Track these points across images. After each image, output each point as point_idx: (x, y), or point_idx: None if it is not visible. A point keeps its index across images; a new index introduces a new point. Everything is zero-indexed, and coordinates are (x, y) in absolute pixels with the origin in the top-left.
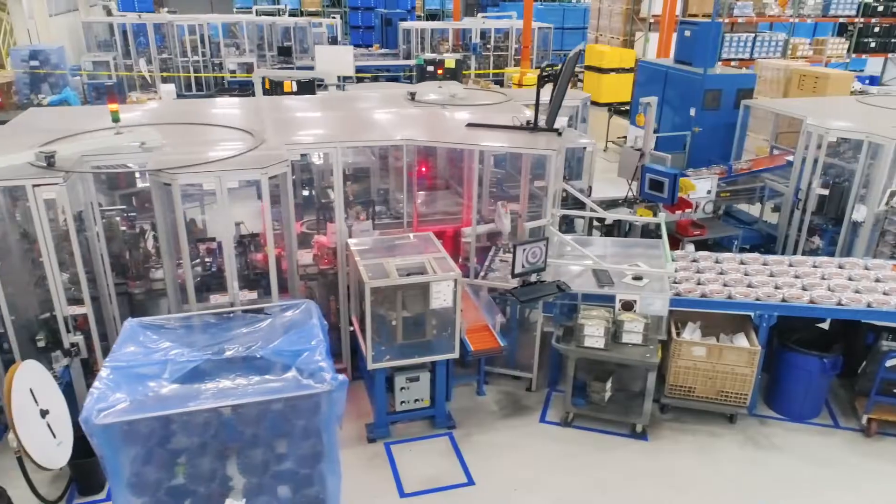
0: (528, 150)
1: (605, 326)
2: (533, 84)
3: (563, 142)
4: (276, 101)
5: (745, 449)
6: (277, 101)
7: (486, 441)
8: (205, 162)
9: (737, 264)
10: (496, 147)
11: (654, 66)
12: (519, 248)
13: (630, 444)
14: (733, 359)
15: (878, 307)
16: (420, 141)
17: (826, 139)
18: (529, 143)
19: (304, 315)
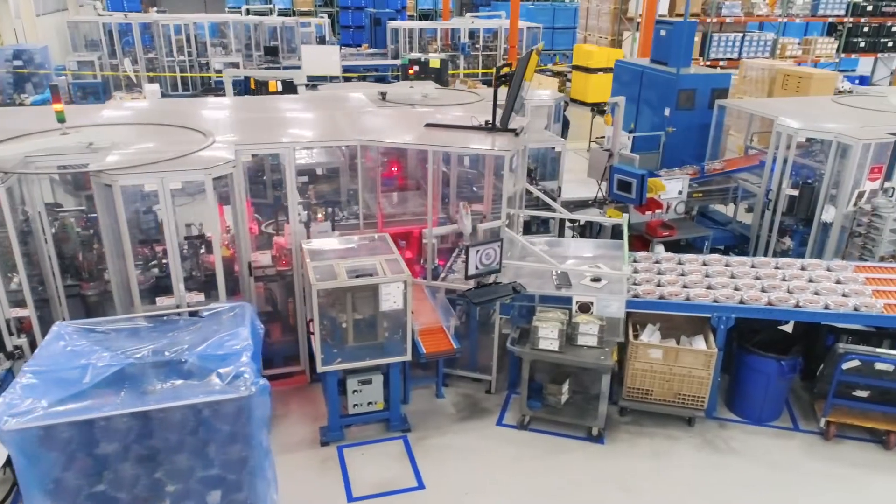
0: (479, 150)
1: (559, 329)
2: None
3: (519, 142)
4: (243, 101)
5: (702, 452)
6: (245, 100)
7: (441, 444)
8: (147, 163)
9: (699, 266)
10: (447, 147)
11: (631, 66)
12: (472, 249)
13: (586, 448)
14: (690, 361)
15: (836, 309)
16: (372, 141)
17: (795, 139)
18: (484, 144)
19: (237, 319)
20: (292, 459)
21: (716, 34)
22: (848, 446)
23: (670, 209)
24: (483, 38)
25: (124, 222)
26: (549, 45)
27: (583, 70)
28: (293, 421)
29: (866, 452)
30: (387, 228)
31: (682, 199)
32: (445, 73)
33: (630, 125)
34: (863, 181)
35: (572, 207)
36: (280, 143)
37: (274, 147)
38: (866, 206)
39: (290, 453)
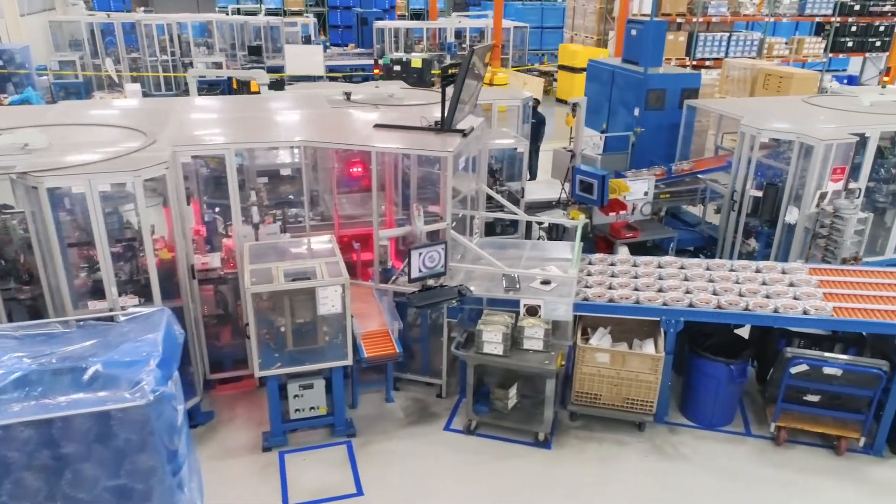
0: (421, 151)
1: (503, 332)
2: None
3: (466, 143)
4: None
5: (650, 458)
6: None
7: (385, 450)
8: (74, 164)
9: (654, 268)
10: (388, 148)
11: (603, 66)
12: (414, 252)
13: (532, 453)
14: (637, 365)
15: (785, 312)
16: (314, 142)
17: (758, 139)
18: (431, 144)
19: (152, 324)
20: (233, 465)
21: (702, 34)
22: (799, 452)
23: (636, 210)
24: (470, 37)
25: (52, 224)
26: (538, 45)
27: (568, 70)
28: (238, 426)
29: (817, 458)
30: (344, 230)
31: (648, 201)
32: (428, 73)
33: (602, 125)
34: (825, 182)
35: (536, 209)
36: (219, 143)
37: (212, 148)
38: (828, 208)
39: (232, 459)
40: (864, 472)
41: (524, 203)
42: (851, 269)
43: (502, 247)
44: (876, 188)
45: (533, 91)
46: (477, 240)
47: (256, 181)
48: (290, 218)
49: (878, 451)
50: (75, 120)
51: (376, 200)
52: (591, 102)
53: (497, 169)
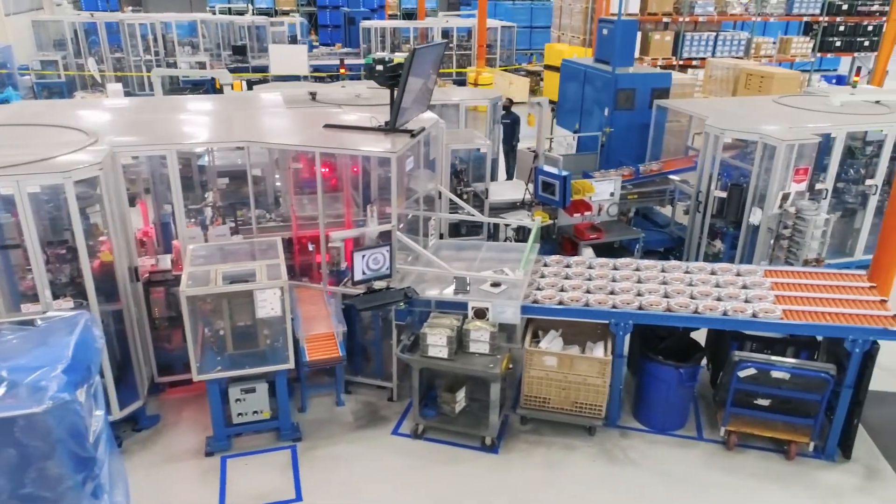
0: (363, 151)
1: (447, 336)
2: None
3: (410, 143)
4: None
5: (597, 463)
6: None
7: (330, 454)
8: (4, 166)
9: (608, 270)
10: (333, 149)
11: (575, 66)
12: (357, 254)
13: (479, 458)
14: (584, 369)
15: (734, 315)
16: (258, 142)
17: (721, 140)
18: (378, 145)
19: (68, 328)
20: (173, 470)
21: (690, 33)
22: (749, 456)
23: (602, 211)
24: (457, 37)
25: None
26: (527, 45)
27: (554, 69)
28: (184, 430)
29: (767, 462)
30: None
31: (615, 201)
32: None
33: (575, 125)
34: (788, 183)
35: (501, 210)
36: (159, 144)
37: (154, 148)
38: (791, 209)
39: (173, 463)
40: (814, 476)
41: (489, 204)
42: (808, 272)
43: (460, 248)
44: (845, 189)
45: (519, 91)
46: (434, 241)
47: (217, 182)
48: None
49: (829, 455)
50: (26, 120)
51: (322, 201)
52: (564, 102)
53: (462, 170)
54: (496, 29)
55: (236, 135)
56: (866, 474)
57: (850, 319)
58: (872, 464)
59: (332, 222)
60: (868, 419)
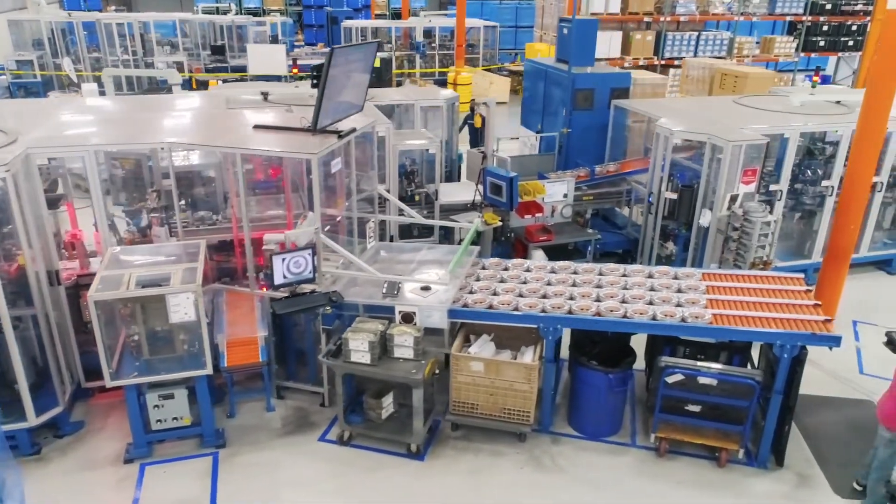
0: (283, 153)
1: (369, 341)
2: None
3: (333, 144)
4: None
5: (525, 470)
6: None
7: (252, 461)
8: None
9: (545, 273)
10: (253, 150)
11: (537, 65)
12: (276, 258)
13: (404, 465)
14: (511, 375)
15: (662, 320)
16: (181, 143)
17: (671, 140)
18: (303, 146)
19: None
20: (90, 477)
21: (672, 33)
22: (680, 463)
23: (556, 212)
24: (439, 37)
25: None
26: (513, 44)
27: None
28: (107, 436)
29: (698, 470)
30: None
31: (569, 203)
32: (388, 73)
33: (537, 126)
34: (736, 184)
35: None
36: (78, 146)
37: (71, 150)
38: (738, 211)
39: (91, 471)
40: (744, 484)
41: (439, 205)
42: (746, 275)
43: (401, 250)
44: (803, 190)
45: (500, 91)
46: (374, 244)
47: (161, 183)
48: (196, 221)
49: (762, 462)
50: None
51: (244, 203)
52: (527, 102)
53: (413, 170)
54: (479, 28)
55: (164, 135)
56: (797, 482)
57: (779, 324)
58: (805, 471)
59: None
60: (806, 424)
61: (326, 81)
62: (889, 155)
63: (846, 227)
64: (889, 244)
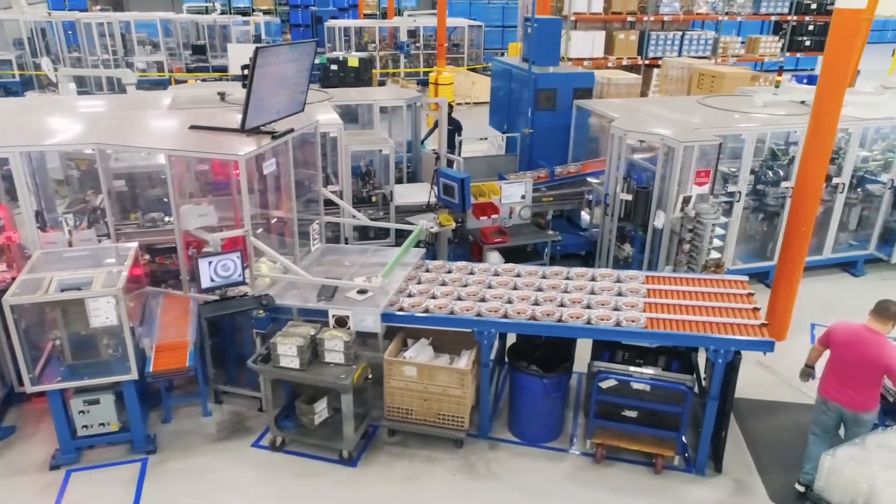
0: (211, 154)
1: (297, 346)
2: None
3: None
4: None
5: (458, 477)
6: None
7: (182, 467)
8: None
9: (488, 276)
10: (179, 152)
11: (503, 65)
12: (202, 260)
13: (335, 471)
14: (444, 379)
15: (597, 324)
16: (108, 144)
17: (625, 141)
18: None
19: None
20: (14, 485)
21: (656, 32)
22: (618, 470)
23: (514, 214)
24: (424, 36)
25: None
26: (500, 44)
27: None
28: (37, 441)
29: (634, 476)
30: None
31: (527, 204)
32: (366, 73)
33: (504, 126)
34: (689, 186)
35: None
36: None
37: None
38: (691, 213)
39: (17, 477)
40: (680, 491)
41: (394, 206)
42: (691, 278)
43: (347, 252)
44: (765, 191)
45: (482, 90)
46: (318, 246)
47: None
48: (147, 222)
49: (700, 469)
50: None
51: (175, 205)
52: (494, 103)
53: (368, 171)
54: (463, 28)
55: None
56: (734, 489)
57: (715, 329)
58: (743, 478)
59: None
60: (752, 430)
61: (253, 82)
62: (850, 156)
63: (798, 230)
64: (855, 245)
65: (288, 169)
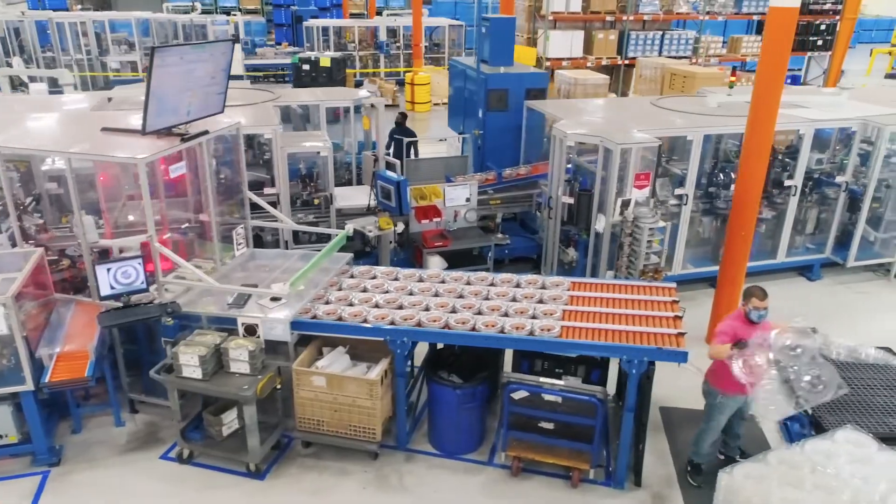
0: (109, 158)
1: (199, 355)
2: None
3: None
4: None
5: (367, 490)
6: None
7: (84, 480)
8: None
9: (412, 282)
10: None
11: (459, 66)
12: (100, 267)
13: (242, 484)
14: (353, 390)
15: (509, 333)
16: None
17: (565, 143)
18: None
19: None
20: None
21: (636, 32)
22: (534, 483)
23: (459, 217)
24: (405, 36)
25: None
26: None
27: None
28: None
29: (551, 490)
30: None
31: (472, 207)
32: (339, 73)
33: (459, 127)
34: (627, 189)
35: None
36: None
37: None
38: (630, 217)
39: None
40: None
41: (335, 210)
42: (620, 285)
43: (271, 257)
44: (716, 194)
45: None
46: (243, 250)
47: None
48: None
49: (619, 482)
50: None
51: (78, 209)
52: (452, 103)
53: (309, 174)
54: (444, 28)
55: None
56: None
57: (631, 338)
58: (663, 492)
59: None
60: (677, 440)
61: (151, 82)
62: (802, 158)
63: (739, 234)
64: (812, 249)
65: (205, 172)
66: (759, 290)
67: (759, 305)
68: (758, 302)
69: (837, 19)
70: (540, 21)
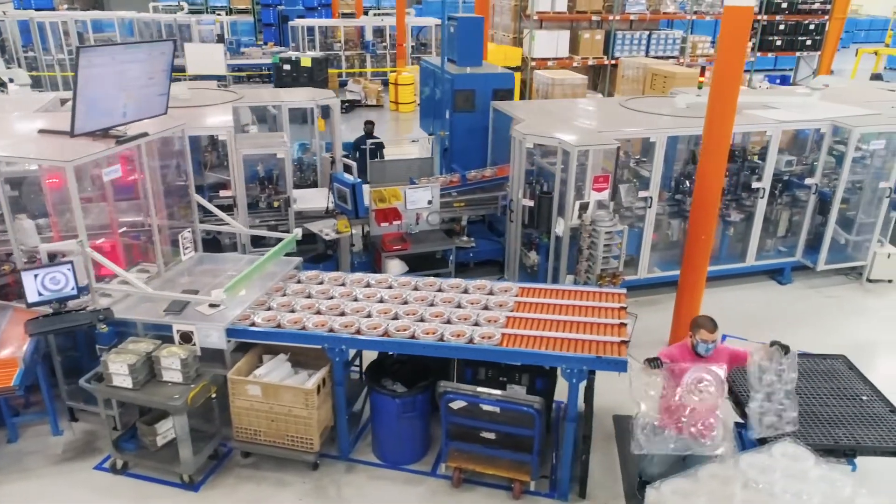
0: (31, 159)
1: (128, 364)
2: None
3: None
4: None
5: (304, 502)
6: None
7: (13, 492)
8: None
9: (359, 288)
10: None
11: (428, 66)
12: (26, 273)
13: (175, 496)
14: (289, 399)
15: (449, 341)
16: None
17: (524, 145)
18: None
19: None
20: None
21: (623, 32)
22: (476, 494)
23: (420, 219)
24: (391, 35)
25: None
26: None
27: None
28: None
29: (493, 501)
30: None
31: (434, 210)
32: (321, 73)
33: (430, 128)
34: (586, 192)
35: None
36: None
37: None
38: (587, 220)
39: None
40: None
41: (293, 212)
42: (570, 290)
43: (222, 262)
44: (683, 199)
45: None
46: (191, 255)
47: None
48: None
49: (563, 494)
50: None
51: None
52: (423, 104)
53: (265, 177)
54: (430, 27)
55: None
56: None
57: (573, 346)
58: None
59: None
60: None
61: (78, 84)
62: (770, 159)
63: (699, 238)
64: (783, 252)
65: (147, 175)
66: (709, 320)
67: (707, 338)
68: (706, 334)
69: (826, 19)
70: (526, 21)
